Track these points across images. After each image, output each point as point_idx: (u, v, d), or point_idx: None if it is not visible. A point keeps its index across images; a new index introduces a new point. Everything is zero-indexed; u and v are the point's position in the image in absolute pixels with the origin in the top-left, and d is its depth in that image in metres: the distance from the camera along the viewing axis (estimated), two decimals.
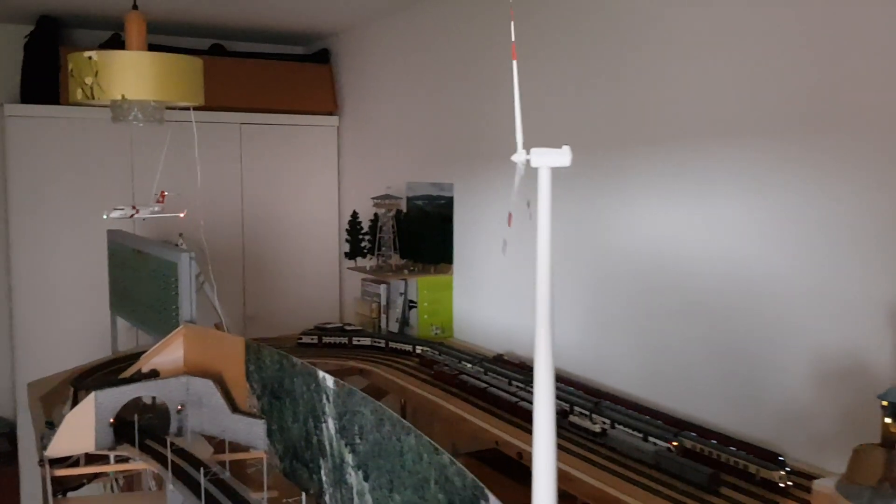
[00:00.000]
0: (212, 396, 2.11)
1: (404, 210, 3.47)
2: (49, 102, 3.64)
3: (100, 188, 3.68)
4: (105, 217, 2.30)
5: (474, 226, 3.20)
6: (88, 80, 2.13)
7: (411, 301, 3.30)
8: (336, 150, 4.27)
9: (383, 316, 3.37)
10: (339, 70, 4.29)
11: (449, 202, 3.31)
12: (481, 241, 3.17)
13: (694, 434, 1.94)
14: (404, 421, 1.45)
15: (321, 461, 1.75)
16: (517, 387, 2.40)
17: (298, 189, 4.17)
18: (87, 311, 3.66)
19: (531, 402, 1.25)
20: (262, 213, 4.05)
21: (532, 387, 1.27)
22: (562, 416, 2.16)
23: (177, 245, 2.60)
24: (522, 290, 2.94)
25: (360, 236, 3.49)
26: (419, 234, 3.45)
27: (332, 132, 4.26)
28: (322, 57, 4.33)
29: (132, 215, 2.36)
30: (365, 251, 3.49)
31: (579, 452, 2.00)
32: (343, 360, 2.95)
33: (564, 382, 2.42)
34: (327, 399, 1.71)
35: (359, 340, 3.10)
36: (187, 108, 2.34)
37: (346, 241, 3.52)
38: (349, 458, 1.62)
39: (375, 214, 3.49)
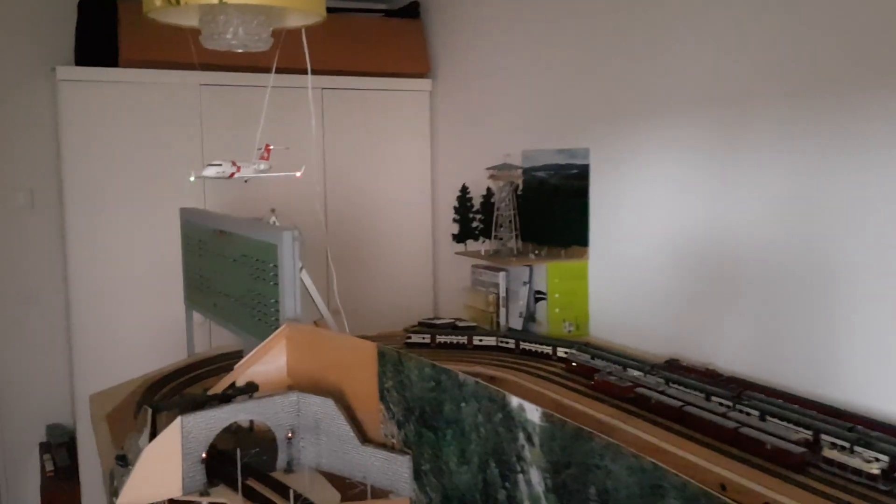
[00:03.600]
0: (333, 421, 1.57)
1: (519, 184, 2.90)
2: (106, 65, 3.15)
3: (166, 161, 3.19)
4: (192, 179, 1.78)
5: (618, 199, 2.61)
6: None
7: (538, 292, 2.73)
8: (428, 118, 3.70)
9: (502, 310, 2.81)
10: (431, 25, 3.72)
11: (583, 172, 2.72)
12: (627, 217, 2.58)
13: None
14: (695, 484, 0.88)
15: None
16: (725, 406, 1.81)
17: (385, 162, 3.62)
18: (154, 304, 3.18)
19: (758, 430, 0.68)
20: (344, 190, 3.52)
21: (750, 406, 0.68)
22: (810, 450, 1.57)
23: (273, 222, 2.06)
24: (690, 277, 2.34)
25: (471, 215, 2.93)
26: (542, 211, 2.87)
27: (424, 98, 3.70)
28: (411, 11, 3.76)
29: (232, 174, 1.83)
30: (477, 233, 2.92)
31: None
32: (465, 363, 2.40)
33: (756, 391, 1.84)
34: (527, 438, 1.15)
35: (480, 340, 2.54)
36: (299, 28, 1.81)
37: (455, 220, 2.95)
38: None
39: (488, 189, 2.92)
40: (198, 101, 3.23)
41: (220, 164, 1.81)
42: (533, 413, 1.14)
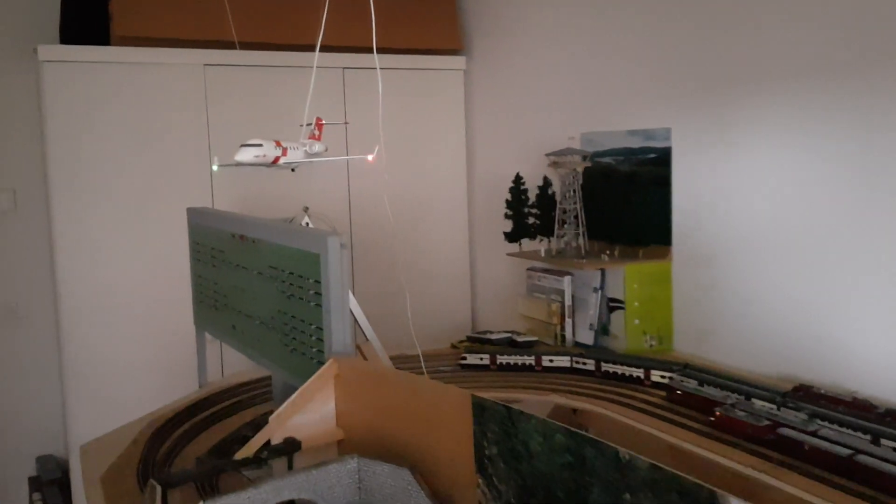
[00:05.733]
0: (410, 499, 1.15)
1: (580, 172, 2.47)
2: (95, 42, 2.71)
3: (167, 153, 2.75)
4: (215, 168, 1.36)
5: (708, 187, 2.18)
6: None
7: (612, 300, 2.30)
8: (463, 100, 3.27)
9: (567, 321, 2.38)
10: None
11: (663, 156, 2.29)
12: (722, 209, 2.15)
13: None
14: None
15: None
16: None
17: (415, 150, 3.18)
18: (157, 322, 2.74)
19: None
20: (369, 183, 3.08)
21: None
22: None
23: (305, 224, 1.63)
24: (815, 282, 1.92)
25: (526, 209, 2.50)
26: (611, 204, 2.44)
27: (458, 77, 3.26)
28: None
29: (276, 159, 1.40)
30: (533, 230, 2.50)
31: None
32: (536, 391, 1.98)
33: None
34: None
35: (551, 360, 2.12)
36: None
37: (507, 216, 2.53)
38: None
39: (545, 178, 2.49)
40: (202, 84, 2.79)
41: (259, 145, 1.38)
42: None
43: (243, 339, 1.74)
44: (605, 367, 2.04)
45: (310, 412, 1.34)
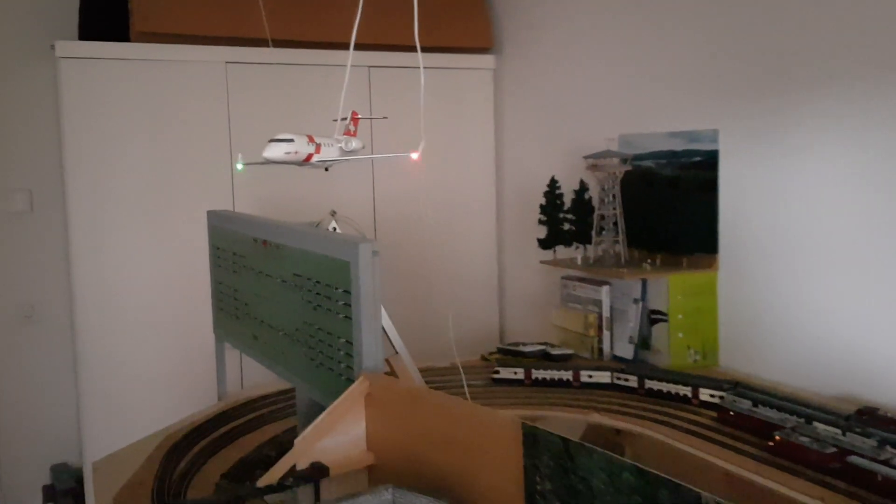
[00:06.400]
0: None
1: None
2: (114, 39, 2.62)
3: (187, 153, 2.66)
4: (239, 167, 1.25)
5: (760, 192, 2.05)
6: None
7: (654, 311, 2.17)
8: (492, 100, 3.15)
9: (605, 333, 2.26)
10: None
11: (709, 159, 2.16)
12: (774, 215, 2.02)
13: None
14: None
15: None
16: None
17: (441, 152, 3.07)
18: (174, 327, 2.65)
19: None
20: (394, 185, 2.97)
21: None
22: None
23: (333, 229, 1.52)
24: (884, 295, 1.78)
25: (562, 215, 2.38)
26: (652, 209, 2.32)
27: (487, 77, 3.14)
28: None
29: (309, 156, 1.29)
30: (569, 237, 2.37)
31: None
32: (575, 409, 1.85)
33: None
34: None
35: (590, 376, 1.99)
36: None
37: (541, 221, 2.41)
38: None
39: (582, 182, 2.37)
40: (224, 82, 2.70)
41: (290, 140, 1.27)
42: None
43: (265, 350, 1.63)
44: (649, 384, 1.91)
45: (339, 434, 1.23)
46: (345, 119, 1.42)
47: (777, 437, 1.52)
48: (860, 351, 1.83)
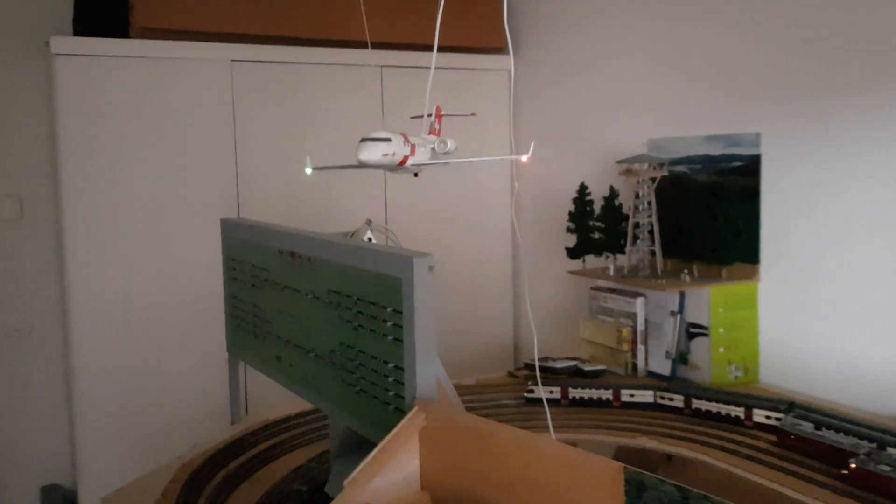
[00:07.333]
0: None
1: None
2: (113, 35, 2.47)
3: (189, 153, 2.51)
4: (308, 171, 1.10)
5: (806, 199, 1.94)
6: None
7: (695, 325, 2.05)
8: (508, 102, 3.03)
9: (640, 348, 2.13)
10: None
11: (750, 164, 2.05)
12: (822, 223, 1.91)
13: None
14: None
15: None
16: None
17: (454, 155, 2.94)
18: (180, 344, 2.50)
19: None
20: (405, 190, 2.84)
21: None
22: None
23: (368, 240, 1.39)
24: None
25: (591, 223, 2.26)
26: (687, 217, 2.20)
27: (503, 78, 3.02)
28: None
29: (405, 159, 1.15)
30: (600, 246, 2.25)
31: None
32: (619, 433, 1.72)
33: None
34: None
35: (631, 395, 1.87)
36: None
37: (569, 230, 2.28)
38: None
39: (611, 188, 2.25)
40: (229, 81, 2.55)
41: (387, 140, 1.12)
42: None
43: (292, 373, 1.49)
44: (697, 403, 1.78)
45: (391, 472, 1.09)
46: (430, 116, 1.28)
47: (852, 466, 1.40)
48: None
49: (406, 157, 1.17)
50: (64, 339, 2.69)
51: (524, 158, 1.10)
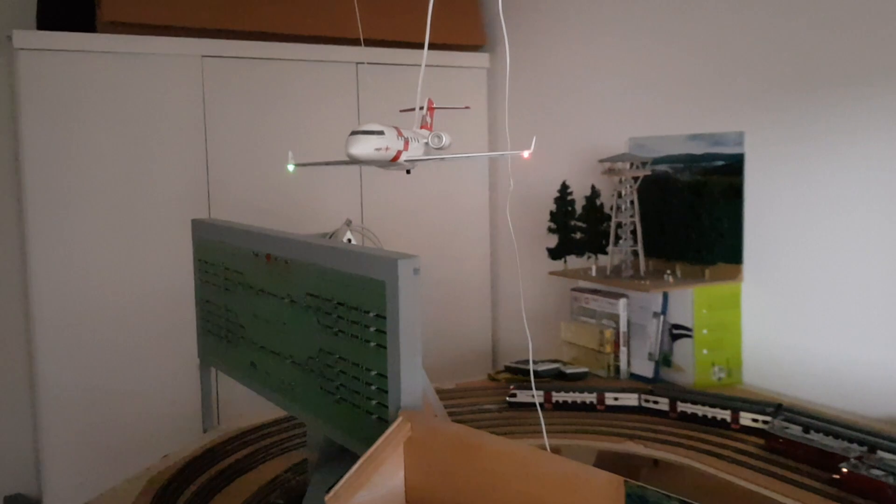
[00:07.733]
0: None
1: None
2: (78, 29, 2.38)
3: (158, 151, 2.43)
4: (291, 168, 1.04)
5: (791, 199, 1.92)
6: None
7: (678, 326, 2.02)
8: (486, 100, 2.99)
9: (622, 349, 2.10)
10: None
11: (734, 163, 2.03)
12: (807, 223, 1.89)
13: None
14: None
15: None
16: None
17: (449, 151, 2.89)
18: (148, 350, 2.42)
19: None
20: (381, 189, 2.78)
21: None
22: None
23: (347, 241, 1.33)
24: None
25: (573, 223, 2.22)
26: (669, 216, 2.18)
27: (481, 75, 2.98)
28: None
29: (398, 154, 1.09)
30: (581, 246, 2.21)
31: None
32: (604, 437, 1.69)
33: None
34: None
35: (616, 398, 1.83)
36: None
37: (551, 230, 2.24)
38: None
39: (593, 188, 2.22)
40: (199, 77, 2.47)
41: (380, 133, 1.06)
42: None
43: (267, 381, 1.42)
44: (682, 406, 1.75)
45: (374, 486, 1.04)
46: (421, 109, 1.23)
47: (844, 470, 1.38)
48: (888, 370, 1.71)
49: (399, 152, 1.11)
50: (27, 344, 2.59)
51: (526, 154, 1.05)
